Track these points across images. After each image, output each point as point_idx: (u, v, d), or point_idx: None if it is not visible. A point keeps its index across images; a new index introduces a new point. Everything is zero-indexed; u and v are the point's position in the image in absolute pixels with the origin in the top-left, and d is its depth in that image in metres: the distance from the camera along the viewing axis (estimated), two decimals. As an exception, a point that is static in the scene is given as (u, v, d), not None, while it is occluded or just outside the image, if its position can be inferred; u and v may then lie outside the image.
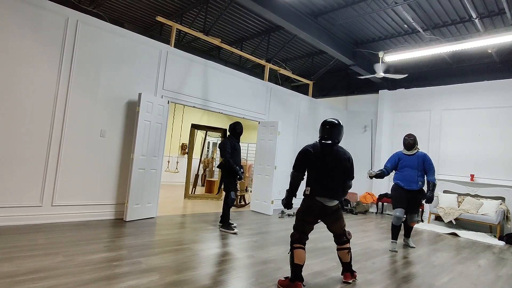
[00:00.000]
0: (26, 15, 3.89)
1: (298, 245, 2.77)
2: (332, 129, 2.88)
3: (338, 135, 2.89)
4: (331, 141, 2.86)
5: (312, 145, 2.89)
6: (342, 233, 3.02)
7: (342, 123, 2.94)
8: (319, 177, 2.82)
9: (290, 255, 2.79)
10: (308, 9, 5.92)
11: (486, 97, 6.84)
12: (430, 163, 4.51)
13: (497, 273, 3.76)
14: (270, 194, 6.38)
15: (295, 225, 2.88)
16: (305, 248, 2.80)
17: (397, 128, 8.26)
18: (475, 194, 6.66)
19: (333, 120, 2.94)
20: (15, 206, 3.84)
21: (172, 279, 2.67)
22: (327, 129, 2.89)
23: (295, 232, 2.84)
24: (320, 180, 2.81)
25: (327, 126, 2.90)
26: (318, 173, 2.82)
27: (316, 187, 2.81)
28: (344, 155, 2.90)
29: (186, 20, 7.02)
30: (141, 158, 4.76)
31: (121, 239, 3.73)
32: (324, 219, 2.92)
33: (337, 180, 2.86)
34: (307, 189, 2.85)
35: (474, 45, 5.35)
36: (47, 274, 2.51)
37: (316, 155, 2.83)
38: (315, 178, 2.83)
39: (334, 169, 2.84)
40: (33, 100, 3.95)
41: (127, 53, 4.73)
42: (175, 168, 9.18)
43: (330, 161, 2.83)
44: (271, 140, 6.49)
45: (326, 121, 2.94)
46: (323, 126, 2.93)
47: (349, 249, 3.03)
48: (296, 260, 2.72)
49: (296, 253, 2.74)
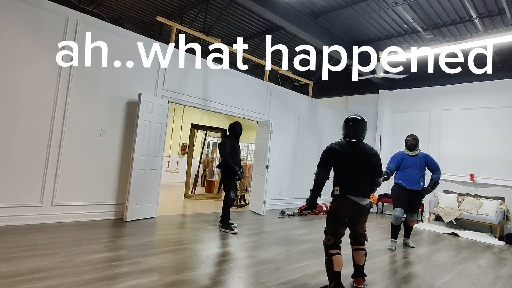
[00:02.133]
0: (26, 15, 3.89)
1: (335, 251, 2.62)
2: (356, 126, 2.79)
3: (362, 132, 2.81)
4: (356, 138, 2.78)
5: (337, 143, 2.80)
6: (362, 234, 2.89)
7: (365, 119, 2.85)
8: (348, 176, 2.70)
9: (326, 262, 2.62)
10: (308, 9, 5.92)
11: (486, 97, 6.84)
12: (434, 163, 4.57)
13: (497, 273, 3.76)
14: (262, 193, 6.35)
15: (328, 229, 2.73)
16: (341, 253, 2.65)
17: (397, 128, 8.26)
18: (475, 194, 6.66)
19: (356, 116, 2.85)
20: (15, 206, 3.84)
21: (172, 279, 2.67)
22: (351, 125, 2.81)
23: (330, 237, 2.68)
24: (350, 179, 2.69)
25: (350, 123, 2.82)
26: (347, 171, 2.71)
27: (346, 186, 2.68)
28: (371, 152, 2.80)
29: (186, 20, 7.02)
30: (141, 158, 4.76)
31: (121, 239, 3.73)
32: (356, 219, 2.76)
33: (366, 178, 2.75)
34: (336, 189, 2.71)
35: (474, 45, 5.35)
36: (47, 274, 2.51)
37: (343, 153, 2.72)
38: (344, 177, 2.71)
39: (363, 167, 2.73)
40: (33, 100, 3.95)
41: (127, 53, 4.73)
42: (175, 168, 9.18)
43: (358, 159, 2.73)
44: (265, 139, 6.49)
45: (349, 118, 2.85)
46: (346, 123, 2.85)
47: (366, 251, 2.91)
48: (335, 268, 2.56)
49: (335, 259, 2.58)
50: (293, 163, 7.65)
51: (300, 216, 6.56)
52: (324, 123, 8.61)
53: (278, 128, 7.12)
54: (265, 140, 6.45)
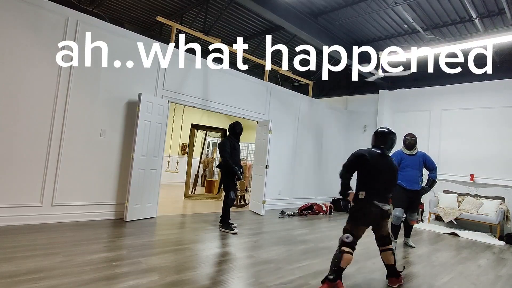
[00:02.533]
0: (26, 15, 3.89)
1: (348, 250, 2.76)
2: (385, 138, 3.03)
3: (391, 144, 3.05)
4: (383, 150, 3.01)
5: (367, 151, 2.97)
6: (387, 235, 3.05)
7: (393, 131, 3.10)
8: (374, 183, 2.89)
9: (336, 256, 2.76)
10: (308, 9, 5.92)
11: (486, 97, 6.84)
12: (431, 161, 4.62)
13: (497, 273, 3.76)
14: (261, 193, 6.35)
15: (348, 228, 2.87)
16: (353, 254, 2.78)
17: (397, 128, 8.24)
18: (475, 194, 6.66)
19: (384, 129, 3.11)
20: (15, 206, 3.84)
21: (172, 279, 2.67)
22: (380, 137, 3.05)
23: (349, 235, 2.82)
24: (376, 186, 2.89)
25: (379, 135, 3.07)
26: (373, 178, 2.89)
27: (372, 192, 2.87)
28: (394, 164, 3.07)
29: (186, 20, 7.02)
30: (141, 158, 4.76)
31: (121, 239, 3.73)
32: (380, 223, 2.97)
33: (389, 186, 3.01)
34: (361, 193, 2.89)
35: (474, 45, 5.35)
36: (47, 274, 2.51)
37: (371, 162, 2.89)
38: (371, 184, 2.89)
39: (387, 176, 2.96)
40: (33, 100, 3.94)
41: (127, 53, 4.73)
42: (175, 168, 9.17)
43: (384, 168, 2.94)
44: (264, 139, 6.48)
45: (379, 131, 3.11)
46: (376, 135, 3.10)
47: (393, 250, 3.06)
48: (342, 264, 2.72)
49: (345, 257, 2.73)
50: (293, 163, 7.65)
51: (300, 216, 6.56)
52: (324, 123, 8.61)
53: (278, 128, 7.12)
54: (265, 140, 6.44)
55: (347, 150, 9.25)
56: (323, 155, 8.58)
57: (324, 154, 8.61)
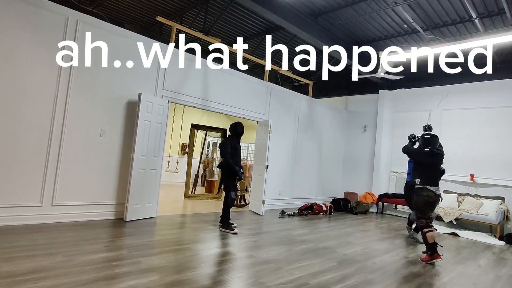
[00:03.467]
0: (26, 15, 3.88)
1: (428, 229, 3.92)
2: (431, 140, 4.18)
3: (435, 143, 4.16)
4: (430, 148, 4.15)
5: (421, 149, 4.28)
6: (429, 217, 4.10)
7: (436, 134, 4.31)
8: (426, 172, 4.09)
9: (423, 238, 3.94)
10: (308, 9, 5.91)
11: (486, 97, 6.84)
12: None
13: (497, 273, 3.76)
14: (261, 193, 6.35)
15: (418, 214, 4.10)
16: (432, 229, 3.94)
17: (397, 128, 8.26)
18: (475, 194, 6.66)
19: (428, 136, 4.24)
20: (15, 206, 3.84)
21: (172, 279, 2.67)
22: (426, 139, 4.22)
23: (421, 220, 4.01)
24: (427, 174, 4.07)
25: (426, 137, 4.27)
26: (426, 169, 4.10)
27: (425, 179, 4.02)
28: (440, 157, 4.28)
29: (186, 20, 7.02)
30: (141, 158, 4.76)
31: (121, 239, 3.73)
32: (434, 205, 4.04)
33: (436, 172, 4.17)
34: (417, 181, 4.06)
35: (474, 45, 5.34)
36: (47, 274, 2.51)
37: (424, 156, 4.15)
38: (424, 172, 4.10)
39: (435, 167, 4.14)
40: (33, 100, 3.94)
41: (127, 53, 4.73)
42: (175, 168, 9.17)
43: (433, 161, 4.12)
44: (264, 139, 6.48)
45: (426, 135, 4.25)
46: (423, 138, 4.27)
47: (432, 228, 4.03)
48: (429, 240, 3.85)
49: (429, 235, 3.88)
50: (293, 163, 7.65)
51: (300, 216, 6.56)
52: (324, 123, 8.61)
53: (278, 128, 7.12)
54: (265, 140, 6.44)
55: (347, 150, 9.27)
56: (323, 155, 8.58)
57: (324, 154, 8.61)
